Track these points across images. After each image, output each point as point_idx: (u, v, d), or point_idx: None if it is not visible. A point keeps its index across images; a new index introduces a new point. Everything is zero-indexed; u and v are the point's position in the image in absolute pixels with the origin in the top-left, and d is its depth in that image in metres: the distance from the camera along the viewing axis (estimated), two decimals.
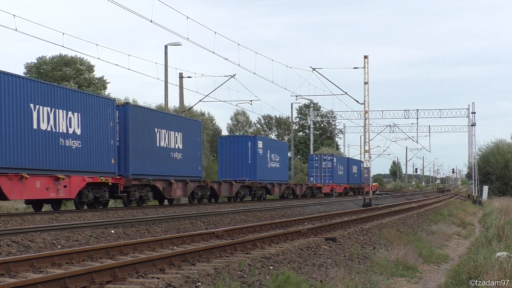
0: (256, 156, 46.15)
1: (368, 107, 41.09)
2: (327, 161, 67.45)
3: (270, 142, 52.48)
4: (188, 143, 36.93)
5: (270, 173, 49.34)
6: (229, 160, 46.24)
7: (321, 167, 67.05)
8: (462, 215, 36.00)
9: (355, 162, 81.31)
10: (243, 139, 47.25)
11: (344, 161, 74.44)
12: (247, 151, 46.14)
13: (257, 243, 14.36)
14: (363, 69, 40.60)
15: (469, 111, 70.64)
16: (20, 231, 15.96)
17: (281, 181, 52.40)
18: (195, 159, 37.99)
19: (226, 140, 47.46)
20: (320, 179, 66.47)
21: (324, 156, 68.20)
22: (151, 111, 34.56)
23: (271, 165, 49.94)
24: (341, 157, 75.22)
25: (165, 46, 43.50)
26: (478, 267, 11.83)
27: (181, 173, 35.86)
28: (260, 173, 46.76)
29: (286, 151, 56.28)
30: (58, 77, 78.18)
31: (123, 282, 9.49)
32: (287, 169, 55.11)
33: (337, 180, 68.81)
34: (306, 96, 61.66)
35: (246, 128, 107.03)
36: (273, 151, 50.58)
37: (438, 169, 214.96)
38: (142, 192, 32.15)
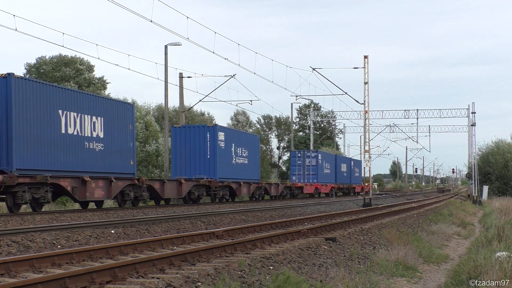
0: (216, 149, 39.65)
1: (368, 107, 41.12)
2: (311, 158, 61.15)
3: (235, 134, 44.99)
4: (112, 131, 30.02)
5: (235, 170, 42.63)
6: (184, 154, 39.69)
7: (304, 164, 60.87)
8: (462, 215, 36.00)
9: (344, 160, 76.08)
10: (201, 129, 40.37)
11: (331, 159, 68.03)
12: (205, 143, 39.71)
13: (257, 243, 14.36)
14: (363, 69, 40.61)
15: (469, 111, 70.66)
16: (20, 231, 15.96)
17: (251, 180, 45.26)
18: (125, 151, 31.07)
19: (181, 131, 40.36)
20: (303, 178, 60.57)
21: (307, 153, 61.88)
22: (52, 88, 26.62)
23: (237, 161, 43.19)
24: (327, 154, 68.93)
25: (165, 46, 43.51)
26: (478, 267, 11.83)
27: (102, 169, 29.11)
28: (222, 170, 40.15)
29: (257, 145, 48.84)
30: (58, 77, 78.22)
31: (123, 282, 9.49)
32: (258, 166, 48.00)
33: (323, 179, 62.83)
34: (306, 96, 61.59)
35: (246, 128, 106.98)
36: (239, 144, 43.71)
37: (438, 169, 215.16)
38: (38, 193, 25.10)
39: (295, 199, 51.79)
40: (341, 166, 71.61)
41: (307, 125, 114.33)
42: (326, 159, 64.60)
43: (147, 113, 60.64)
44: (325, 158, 64.16)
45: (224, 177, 40.58)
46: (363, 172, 47.44)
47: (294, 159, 61.83)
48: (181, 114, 47.35)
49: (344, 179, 72.87)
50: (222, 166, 40.20)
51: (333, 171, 67.42)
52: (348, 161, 76.63)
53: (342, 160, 73.90)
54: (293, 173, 61.44)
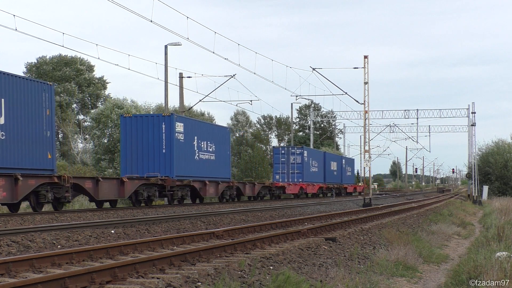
0: (173, 143, 34.32)
1: (368, 107, 41.12)
2: (295, 155, 56.03)
3: (198, 125, 38.87)
4: (19, 116, 24.52)
5: (198, 168, 37.44)
6: (136, 149, 34.47)
7: (288, 162, 55.77)
8: (462, 215, 36.00)
9: (335, 157, 70.68)
10: (155, 120, 34.86)
11: (319, 156, 63.12)
12: (160, 136, 34.42)
13: (257, 243, 14.36)
14: (363, 69, 40.62)
15: (469, 111, 70.69)
16: (20, 231, 15.96)
17: (219, 179, 40.00)
18: (39, 141, 25.48)
19: (132, 121, 34.96)
20: (287, 176, 55.58)
21: (292, 149, 56.69)
22: None
23: (201, 157, 37.85)
24: (314, 151, 63.91)
25: (165, 46, 43.51)
26: (478, 267, 11.82)
27: (2, 163, 23.65)
28: (181, 167, 35.00)
29: (227, 139, 42.50)
30: (58, 77, 78.22)
31: (123, 282, 9.49)
32: (228, 163, 42.41)
33: (309, 178, 57.82)
34: (306, 96, 61.53)
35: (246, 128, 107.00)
36: (204, 137, 38.54)
37: (438, 169, 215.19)
38: None
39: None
40: (331, 164, 67.13)
41: (307, 125, 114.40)
42: (313, 157, 59.92)
43: None
44: (312, 156, 59.55)
45: (184, 175, 35.31)
46: (363, 172, 46.71)
47: (277, 156, 56.86)
48: (180, 114, 47.34)
49: (334, 179, 68.44)
50: (181, 162, 35.06)
51: (321, 170, 62.85)
52: (339, 159, 71.86)
53: (331, 158, 68.88)
54: (276, 172, 56.56)
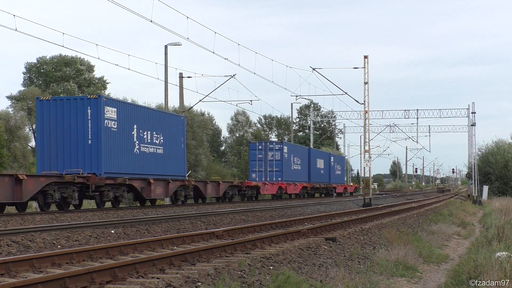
0: (101, 132, 28.15)
1: (368, 107, 41.12)
2: (274, 150, 50.54)
3: (139, 111, 31.93)
4: None
5: (139, 163, 31.15)
6: (54, 139, 28.42)
7: (266, 159, 50.45)
8: (462, 215, 36.00)
9: (321, 154, 65.53)
10: (78, 103, 28.39)
11: (303, 153, 57.66)
12: (85, 123, 28.12)
13: (257, 243, 14.36)
14: (363, 69, 40.63)
15: (469, 111, 70.66)
16: (20, 231, 15.96)
17: (170, 176, 34.01)
18: None
19: (50, 105, 28.73)
20: (264, 175, 50.30)
21: (270, 144, 51.17)
22: None
23: (143, 150, 31.56)
24: (297, 147, 59.04)
25: (165, 46, 43.51)
26: (478, 267, 11.83)
27: None
28: (113, 162, 28.93)
29: (180, 129, 36.06)
30: (58, 77, 78.23)
31: (123, 282, 9.49)
32: (183, 158, 36.00)
33: (290, 177, 52.51)
34: (306, 96, 61.52)
35: (246, 128, 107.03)
36: (147, 126, 31.97)
37: (438, 169, 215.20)
38: None
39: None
40: (317, 162, 61.55)
41: (307, 125, 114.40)
42: (295, 153, 54.57)
43: None
44: (293, 152, 54.05)
45: (118, 172, 29.40)
46: (363, 172, 46.15)
47: (254, 153, 51.18)
48: (181, 115, 47.33)
49: (321, 177, 63.06)
50: (113, 157, 28.99)
51: (305, 168, 57.56)
52: (327, 157, 66.46)
53: (317, 154, 63.46)
54: (252, 170, 51.03)
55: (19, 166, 57.70)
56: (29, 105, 71.48)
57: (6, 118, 62.33)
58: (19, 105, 70.22)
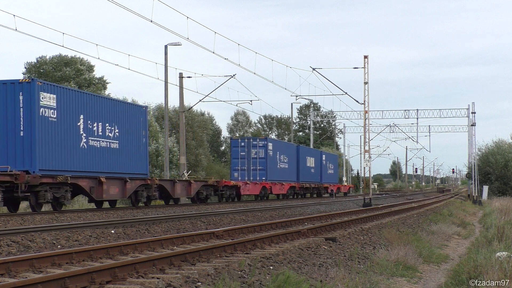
0: (35, 121, 24.43)
1: (368, 107, 41.13)
2: (257, 148, 47.06)
3: (85, 99, 27.79)
4: None
5: (87, 159, 27.49)
6: None
7: (249, 156, 47.04)
8: (462, 215, 36.01)
9: (312, 152, 62.08)
10: (9, 89, 24.60)
11: (290, 150, 54.06)
12: (17, 112, 24.50)
13: (257, 243, 14.36)
14: (363, 69, 40.64)
15: (469, 111, 70.70)
16: (20, 231, 15.96)
17: (127, 175, 30.16)
18: None
19: None
20: (247, 174, 46.79)
21: (253, 141, 47.63)
22: None
23: (92, 144, 27.85)
24: (283, 144, 55.74)
25: (165, 46, 43.52)
26: (478, 267, 11.83)
27: None
28: (51, 157, 25.25)
29: (141, 122, 32.00)
30: (58, 77, 78.24)
31: (123, 282, 9.49)
32: (144, 154, 32.13)
33: (276, 176, 48.98)
34: (306, 96, 61.50)
35: (246, 128, 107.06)
36: (98, 117, 28.37)
37: (438, 169, 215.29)
38: None
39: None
40: (307, 160, 58.18)
41: (307, 125, 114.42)
42: (281, 150, 51.21)
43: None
44: (279, 149, 50.72)
45: (58, 169, 25.70)
46: (363, 172, 45.85)
47: (236, 150, 47.63)
48: (181, 114, 47.37)
49: (311, 177, 59.69)
50: (51, 151, 25.41)
51: (293, 166, 54.04)
52: (318, 155, 63.22)
53: (307, 152, 59.90)
54: (234, 168, 47.53)
55: None
56: None
57: None
58: None
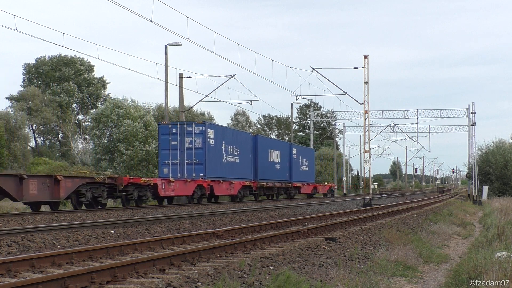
0: None
1: (368, 107, 41.11)
2: (193, 135, 37.01)
3: None
4: None
5: None
6: None
7: (183, 146, 37.05)
8: (462, 215, 36.00)
9: (277, 144, 51.93)
10: None
11: (244, 140, 43.53)
12: None
13: (257, 243, 14.36)
14: (363, 69, 40.61)
15: (469, 111, 70.65)
16: (20, 231, 15.95)
17: None
18: None
19: None
20: (181, 170, 36.89)
21: (188, 127, 37.23)
22: None
23: None
24: (232, 131, 45.58)
25: (165, 46, 43.49)
26: (478, 267, 11.83)
27: None
28: None
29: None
30: (57, 77, 78.20)
31: (123, 282, 9.49)
32: None
33: (221, 172, 39.00)
34: (306, 96, 61.47)
35: (246, 128, 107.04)
36: None
37: (438, 169, 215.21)
38: None
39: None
40: (269, 154, 47.97)
41: (307, 125, 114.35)
42: (229, 140, 40.67)
43: (147, 113, 60.66)
44: (226, 138, 40.18)
45: None
46: (363, 172, 45.34)
47: (166, 138, 37.41)
48: (181, 114, 47.34)
49: (276, 174, 49.59)
50: None
51: (248, 161, 43.85)
52: (286, 148, 52.81)
53: (270, 144, 49.55)
54: (163, 163, 37.44)
55: (19, 166, 57.73)
56: (29, 105, 71.54)
57: (6, 118, 62.37)
58: (18, 105, 70.28)
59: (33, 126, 75.23)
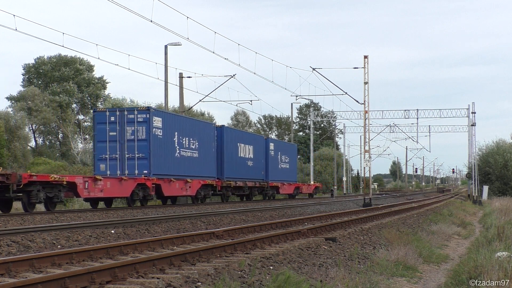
0: None
1: (368, 107, 41.10)
2: (135, 124, 31.63)
3: None
4: None
5: None
6: None
7: (123, 138, 31.73)
8: (462, 215, 36.00)
9: (249, 138, 45.75)
10: None
11: (205, 131, 37.97)
12: None
13: (257, 243, 14.36)
14: (363, 69, 40.61)
15: (469, 111, 70.61)
16: (20, 231, 15.95)
17: None
18: None
19: None
20: (121, 165, 31.54)
21: (130, 114, 31.74)
22: None
23: None
24: (188, 120, 37.56)
25: (165, 46, 43.50)
26: (478, 267, 11.82)
27: None
28: None
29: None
30: (57, 77, 78.18)
31: (123, 282, 9.49)
32: None
33: (172, 169, 33.74)
34: (306, 96, 61.30)
35: (247, 128, 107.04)
36: None
37: (438, 169, 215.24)
38: None
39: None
40: (239, 149, 42.70)
41: (307, 125, 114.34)
42: (184, 131, 35.18)
43: None
44: (179, 128, 34.70)
45: None
46: (363, 172, 44.97)
47: (102, 128, 31.94)
48: (180, 115, 47.33)
49: (249, 172, 44.15)
50: None
51: (210, 155, 38.25)
52: (260, 142, 47.15)
53: (240, 137, 43.79)
54: (99, 157, 32.00)
55: (19, 166, 57.74)
56: (29, 105, 71.53)
57: (6, 118, 62.36)
58: (18, 105, 70.29)
59: (33, 126, 75.22)
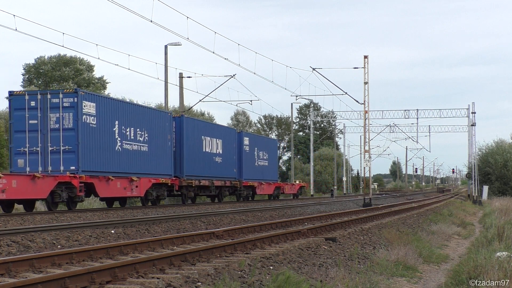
0: None
1: (368, 107, 41.11)
2: (61, 109, 26.75)
3: None
4: None
5: None
6: None
7: (46, 127, 26.84)
8: (462, 215, 36.00)
9: (217, 130, 41.28)
10: None
11: (158, 121, 33.32)
12: None
13: (257, 243, 14.35)
14: (363, 69, 40.62)
15: (469, 111, 70.63)
16: (20, 231, 15.95)
17: None
18: None
19: None
20: (43, 160, 26.77)
21: (54, 98, 26.81)
22: None
23: None
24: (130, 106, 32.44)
25: (165, 46, 43.50)
26: (478, 267, 11.82)
27: None
28: None
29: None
30: (57, 77, 78.17)
31: (123, 282, 9.48)
32: None
33: (111, 165, 29.01)
34: (306, 96, 61.31)
35: (247, 128, 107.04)
36: None
37: (438, 169, 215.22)
38: None
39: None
40: (204, 143, 38.01)
41: (307, 125, 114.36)
42: (125, 118, 30.13)
43: None
44: (119, 115, 29.65)
45: None
46: (363, 172, 44.76)
47: (21, 115, 27.03)
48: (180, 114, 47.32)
49: (217, 170, 39.54)
50: None
51: (165, 150, 33.81)
52: (232, 136, 42.72)
53: (205, 129, 38.86)
54: (17, 151, 27.09)
55: None
56: None
57: (6, 118, 62.31)
58: None
59: None
